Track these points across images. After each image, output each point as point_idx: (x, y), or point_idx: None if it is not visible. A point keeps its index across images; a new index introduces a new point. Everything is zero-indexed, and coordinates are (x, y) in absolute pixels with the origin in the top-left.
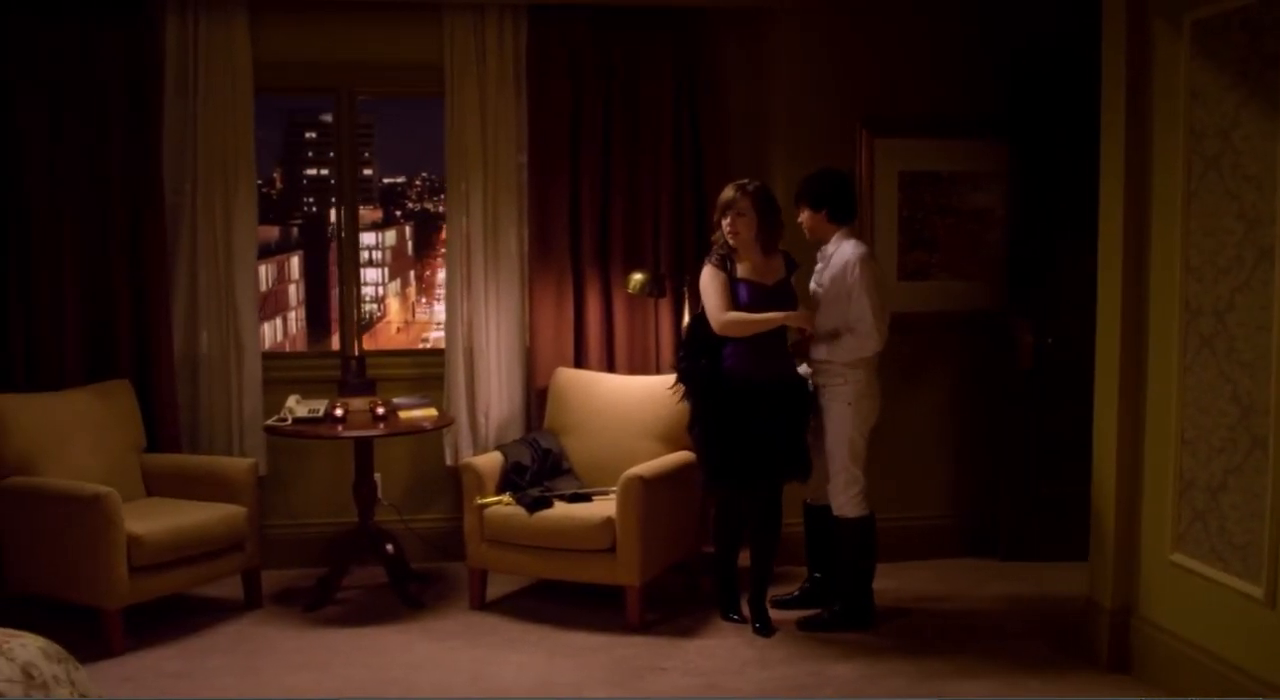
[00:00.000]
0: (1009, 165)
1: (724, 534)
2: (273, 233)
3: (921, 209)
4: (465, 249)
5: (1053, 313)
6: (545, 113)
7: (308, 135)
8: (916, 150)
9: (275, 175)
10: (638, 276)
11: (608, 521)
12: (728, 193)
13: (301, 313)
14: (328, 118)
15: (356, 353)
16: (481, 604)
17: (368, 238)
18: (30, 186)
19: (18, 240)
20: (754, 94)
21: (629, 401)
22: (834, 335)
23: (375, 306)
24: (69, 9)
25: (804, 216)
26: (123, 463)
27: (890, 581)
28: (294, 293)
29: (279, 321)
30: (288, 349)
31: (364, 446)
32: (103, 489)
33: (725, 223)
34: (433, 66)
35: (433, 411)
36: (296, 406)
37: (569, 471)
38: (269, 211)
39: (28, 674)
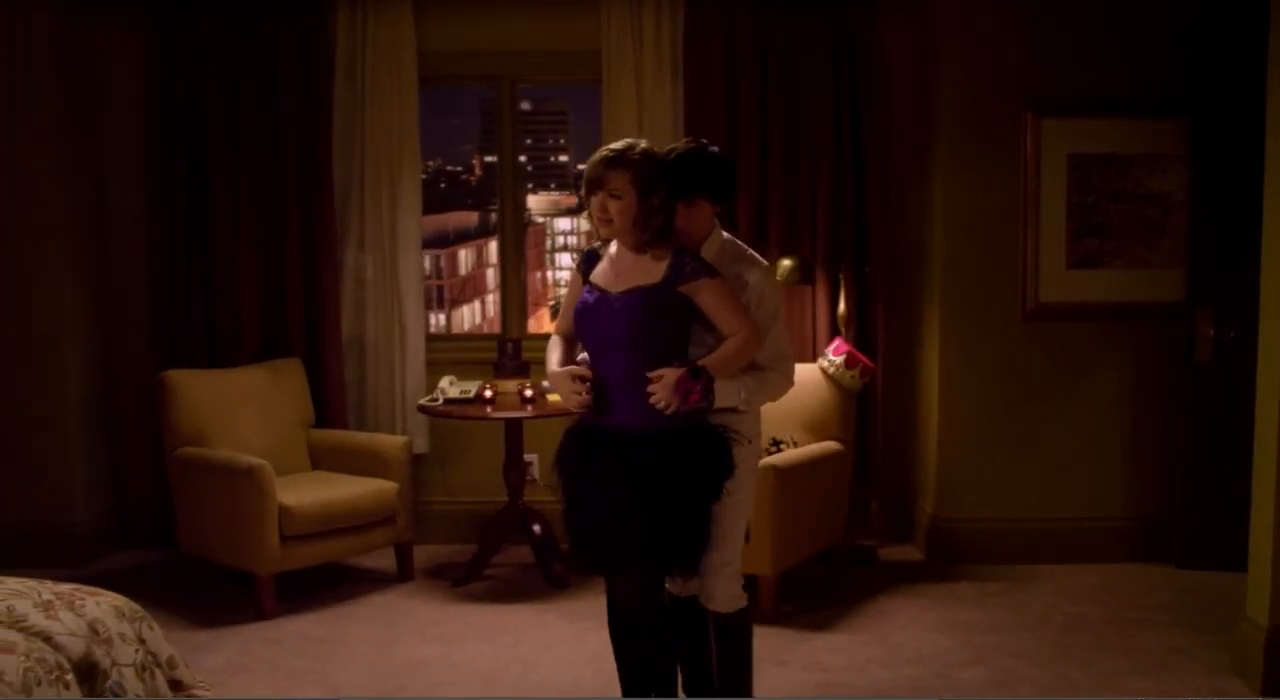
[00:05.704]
0: (1189, 145)
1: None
2: (472, 218)
3: (1092, 193)
4: None
5: (1237, 304)
6: (701, 98)
7: None
8: (1087, 131)
9: (474, 162)
10: (785, 263)
11: None
12: (598, 160)
13: (499, 296)
14: (526, 106)
15: (515, 336)
16: None
17: (563, 223)
18: (212, 178)
19: (200, 228)
20: (915, 75)
21: None
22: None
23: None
24: (248, 5)
25: (693, 212)
26: (290, 437)
27: (1050, 584)
28: (491, 277)
29: (477, 304)
30: (485, 330)
31: (514, 428)
32: (256, 461)
33: (593, 202)
34: (591, 53)
35: None
36: (449, 387)
37: None
38: (468, 196)
39: (93, 630)
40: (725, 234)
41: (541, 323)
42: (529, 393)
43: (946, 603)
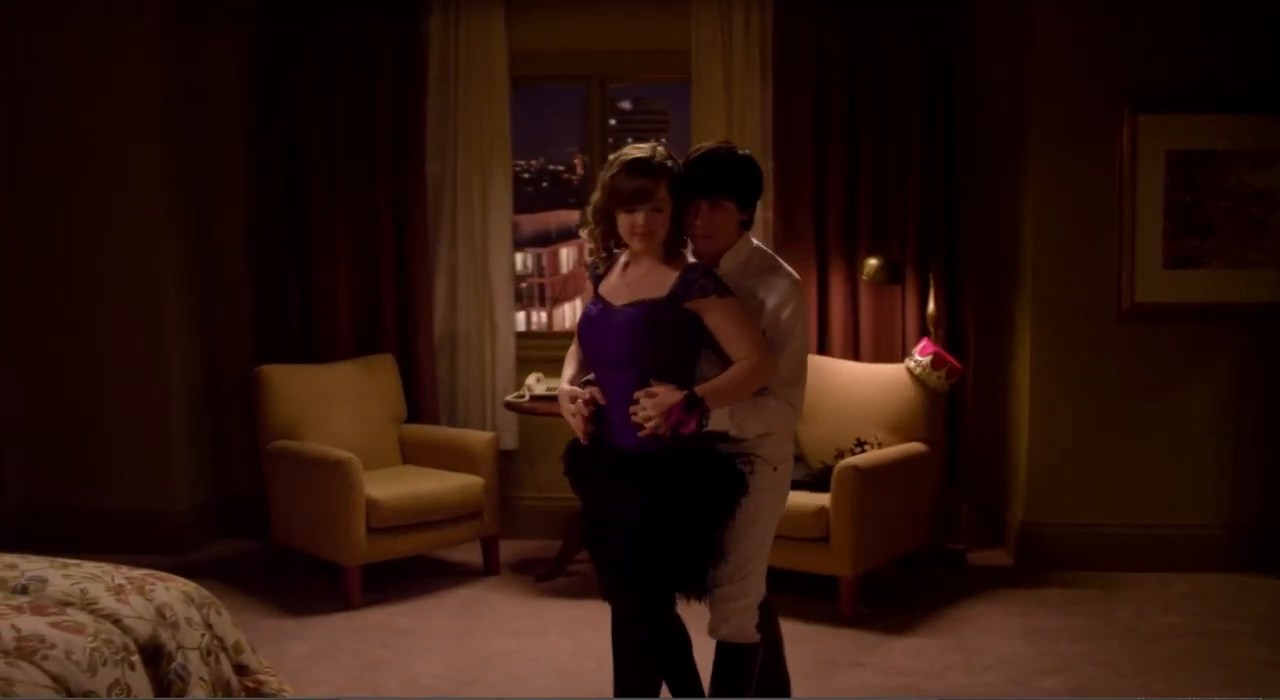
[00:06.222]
0: None
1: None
2: (573, 217)
3: (1191, 191)
4: None
5: None
6: (790, 98)
7: (610, 122)
8: (1186, 127)
9: (576, 161)
10: (872, 262)
11: (821, 511)
12: (631, 172)
13: None
14: (626, 105)
15: None
16: None
17: None
18: (309, 177)
19: (297, 226)
20: (1008, 71)
21: (865, 390)
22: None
23: None
24: (343, 7)
25: (717, 214)
26: (381, 431)
27: (1141, 592)
28: None
29: (578, 302)
30: None
31: None
32: (345, 455)
33: (636, 218)
34: (681, 53)
35: None
36: (536, 384)
37: (799, 458)
38: (570, 195)
39: (161, 614)
40: (755, 242)
41: None
42: None
43: (1032, 609)
